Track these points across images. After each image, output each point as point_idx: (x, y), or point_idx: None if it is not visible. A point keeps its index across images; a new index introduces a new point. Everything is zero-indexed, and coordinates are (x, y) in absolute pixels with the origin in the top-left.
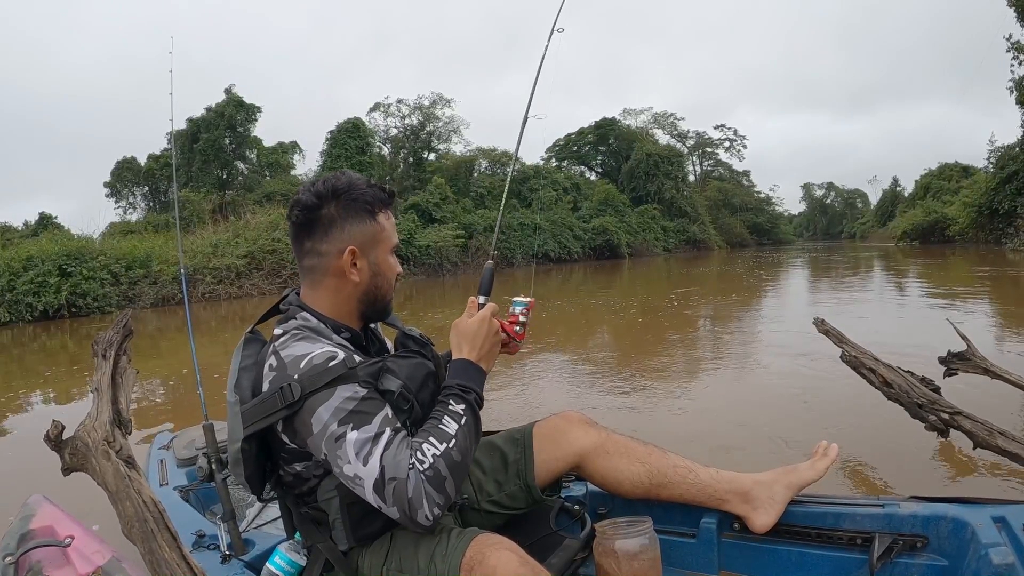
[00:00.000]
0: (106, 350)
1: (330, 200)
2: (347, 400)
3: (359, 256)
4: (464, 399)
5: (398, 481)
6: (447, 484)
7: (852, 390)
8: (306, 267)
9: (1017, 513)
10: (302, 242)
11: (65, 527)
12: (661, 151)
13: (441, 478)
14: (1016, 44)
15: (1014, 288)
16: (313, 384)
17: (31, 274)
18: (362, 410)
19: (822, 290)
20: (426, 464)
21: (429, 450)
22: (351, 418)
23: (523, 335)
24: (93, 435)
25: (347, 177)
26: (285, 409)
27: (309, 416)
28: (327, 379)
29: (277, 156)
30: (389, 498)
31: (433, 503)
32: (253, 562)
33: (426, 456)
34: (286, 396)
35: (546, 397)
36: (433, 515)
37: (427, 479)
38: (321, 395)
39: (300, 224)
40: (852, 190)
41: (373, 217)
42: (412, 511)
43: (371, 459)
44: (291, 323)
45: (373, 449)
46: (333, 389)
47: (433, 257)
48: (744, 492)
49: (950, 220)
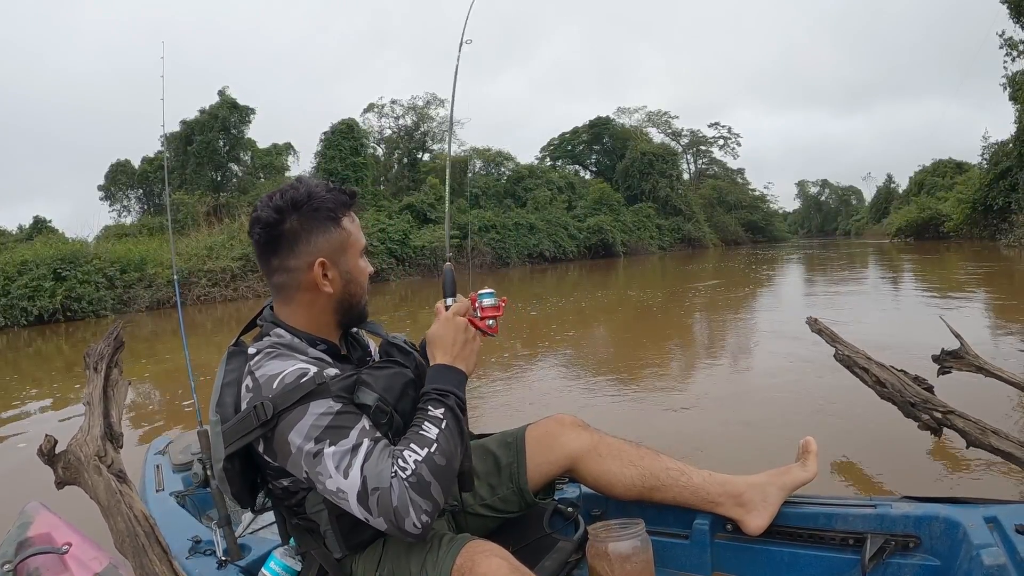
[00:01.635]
0: (97, 363)
1: (291, 213)
2: (321, 416)
3: (329, 267)
4: (442, 403)
5: (382, 491)
6: (432, 489)
7: (846, 388)
8: (276, 284)
9: (1009, 513)
10: (269, 260)
11: (62, 534)
12: (656, 150)
13: (426, 484)
14: (1009, 41)
15: (1008, 284)
16: (285, 402)
17: (26, 278)
18: (337, 424)
19: (818, 283)
20: (408, 471)
21: (411, 456)
22: (327, 434)
23: (496, 328)
24: (85, 449)
25: (305, 186)
26: (260, 428)
27: (285, 435)
28: (298, 396)
29: (271, 158)
30: (374, 509)
31: (420, 510)
32: (249, 567)
33: (408, 463)
34: (260, 415)
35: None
36: (421, 523)
37: (411, 486)
38: (295, 413)
39: (264, 242)
40: (846, 187)
41: (337, 224)
42: (399, 520)
43: (351, 471)
44: (264, 341)
45: (353, 461)
46: (306, 406)
47: (428, 257)
48: (737, 495)
49: (944, 216)
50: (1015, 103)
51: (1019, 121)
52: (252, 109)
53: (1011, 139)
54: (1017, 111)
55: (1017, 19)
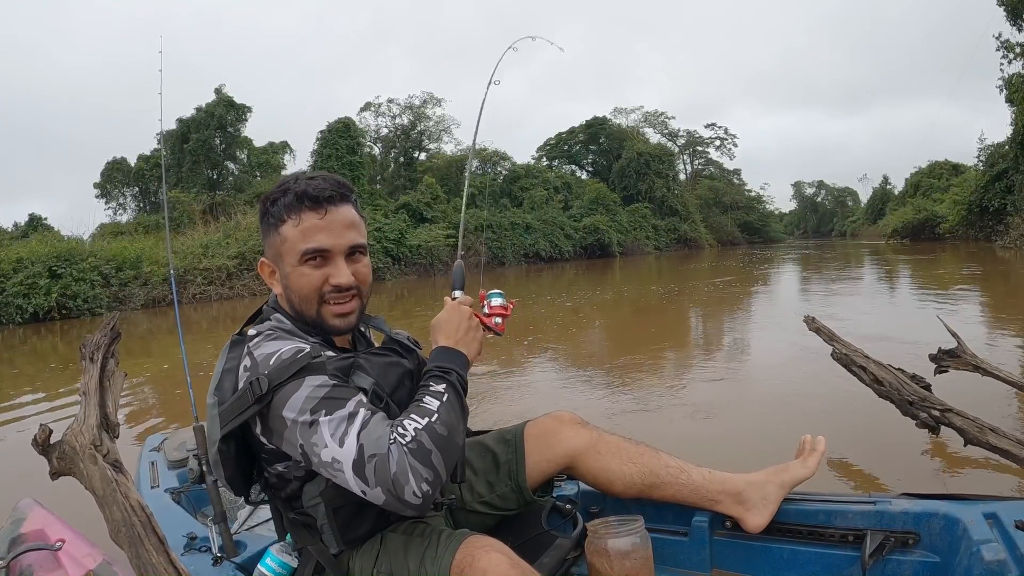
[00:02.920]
0: (93, 353)
1: (262, 208)
2: (317, 388)
3: (275, 269)
4: (444, 379)
5: (379, 457)
6: (434, 458)
7: (843, 387)
8: None
9: (1008, 509)
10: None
11: (56, 530)
12: (652, 150)
13: (426, 451)
14: (1006, 43)
15: (1004, 285)
16: (280, 376)
17: (21, 276)
18: (333, 396)
19: (816, 281)
20: (408, 437)
21: (411, 425)
22: (323, 404)
23: (503, 326)
24: (80, 439)
25: (277, 183)
26: (256, 404)
27: (280, 409)
28: (294, 369)
29: (268, 156)
30: (371, 478)
31: (420, 478)
32: (244, 564)
33: (407, 430)
34: (255, 391)
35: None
36: (422, 491)
37: (410, 452)
38: (290, 386)
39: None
40: (842, 188)
41: (276, 228)
42: (398, 488)
43: (347, 439)
44: (265, 324)
45: (349, 429)
46: (301, 379)
47: (424, 257)
48: (737, 493)
49: (940, 218)
50: (1011, 105)
51: (1015, 123)
52: (249, 107)
53: (1007, 141)
54: (1013, 113)
55: (1014, 21)
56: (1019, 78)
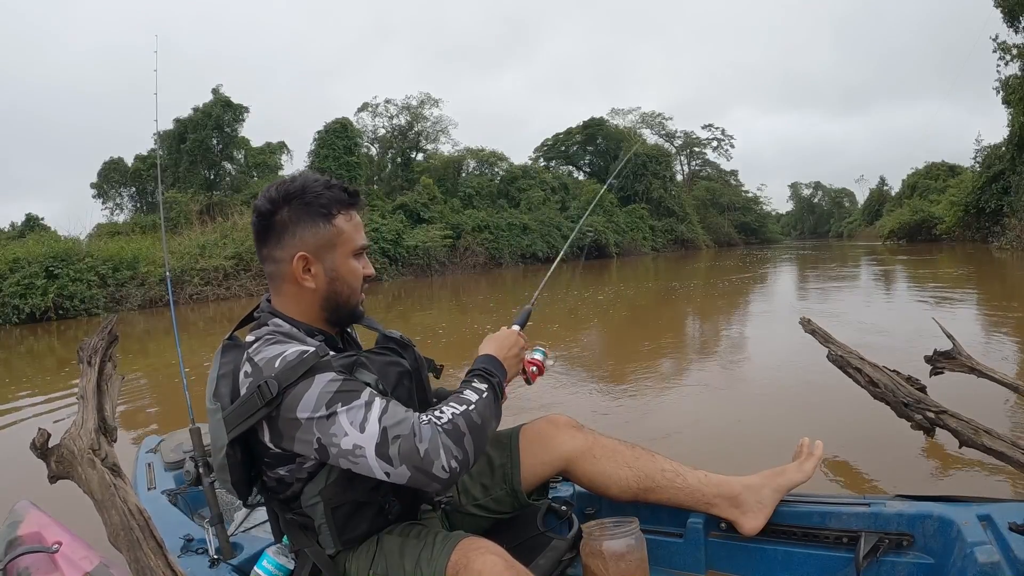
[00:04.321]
0: (91, 356)
1: (283, 205)
2: (329, 383)
3: (313, 262)
4: (487, 380)
5: (403, 437)
6: (466, 441)
7: (838, 389)
8: (268, 274)
9: (1003, 511)
10: (260, 249)
11: (52, 533)
12: (649, 151)
13: (460, 433)
14: (1002, 45)
15: (1000, 286)
16: (289, 377)
17: (17, 276)
18: (346, 389)
19: (816, 281)
20: (444, 419)
21: (448, 410)
22: (338, 397)
23: (536, 377)
24: (79, 443)
25: (302, 179)
26: (265, 407)
27: (292, 410)
28: (302, 370)
29: (265, 156)
30: (395, 458)
31: (451, 455)
32: (241, 566)
33: (444, 414)
34: (264, 394)
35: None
36: (450, 467)
37: (444, 431)
38: (300, 387)
39: (258, 231)
40: (839, 189)
41: (328, 220)
42: (426, 463)
43: (368, 425)
44: (263, 329)
45: (368, 415)
46: (311, 379)
47: (421, 257)
48: (732, 496)
49: (937, 219)
50: (1008, 107)
51: (1012, 124)
52: (246, 107)
53: (1004, 142)
54: (1010, 115)
55: (1011, 23)
56: (1016, 80)
